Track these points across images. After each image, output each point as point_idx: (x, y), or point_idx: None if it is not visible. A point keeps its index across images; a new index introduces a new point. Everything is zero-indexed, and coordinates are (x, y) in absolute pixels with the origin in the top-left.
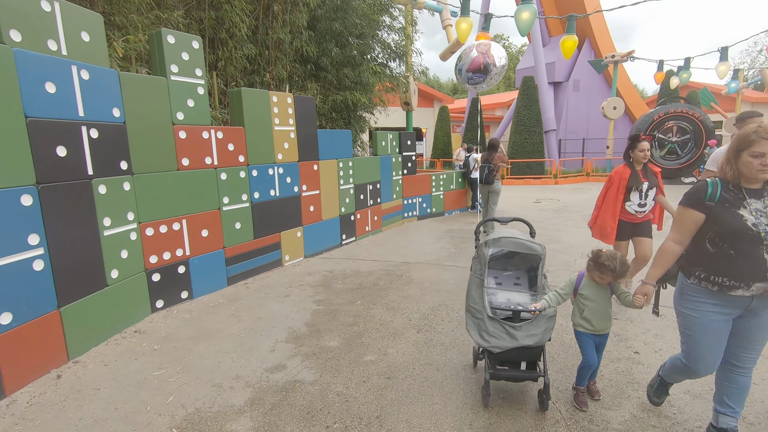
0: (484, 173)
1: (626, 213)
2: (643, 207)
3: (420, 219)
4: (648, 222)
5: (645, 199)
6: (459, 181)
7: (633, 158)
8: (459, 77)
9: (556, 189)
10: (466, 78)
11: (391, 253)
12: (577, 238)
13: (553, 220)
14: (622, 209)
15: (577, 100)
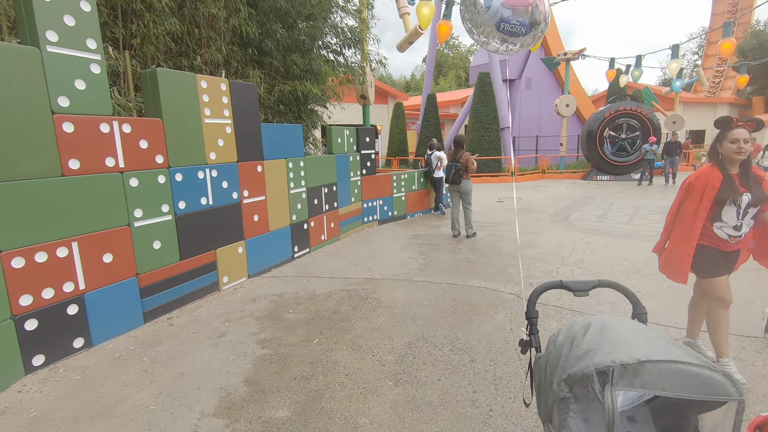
0: (451, 173)
1: (713, 237)
2: (739, 231)
3: (381, 223)
4: (738, 252)
5: (743, 218)
6: (421, 181)
7: (723, 155)
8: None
9: (515, 187)
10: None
11: (352, 268)
12: (552, 241)
13: (521, 221)
14: (705, 231)
15: (529, 98)
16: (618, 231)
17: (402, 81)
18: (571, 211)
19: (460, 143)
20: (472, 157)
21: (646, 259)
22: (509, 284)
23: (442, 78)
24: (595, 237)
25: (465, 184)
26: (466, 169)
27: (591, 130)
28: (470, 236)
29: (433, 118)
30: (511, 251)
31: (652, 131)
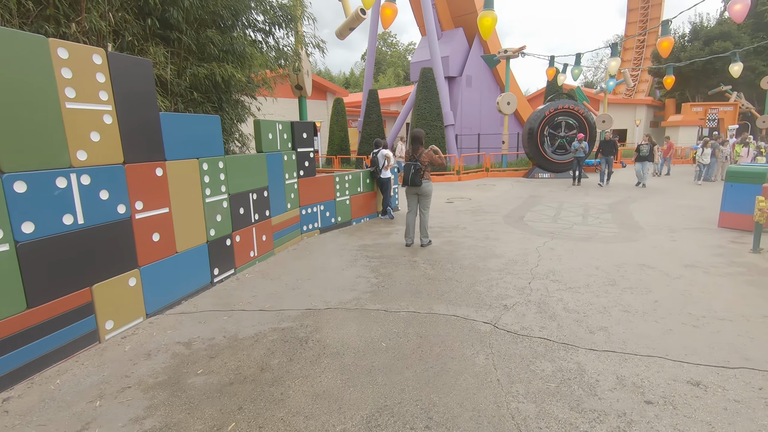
0: (410, 173)
1: None
2: None
3: (323, 232)
4: None
5: None
6: (367, 182)
7: None
8: None
9: (461, 186)
10: None
11: (289, 294)
12: (514, 248)
13: (476, 224)
14: None
15: (470, 96)
16: (576, 233)
17: (341, 77)
18: (523, 211)
19: (419, 139)
20: (440, 154)
21: (617, 267)
22: (481, 308)
23: (381, 75)
24: (557, 241)
25: (426, 186)
26: (427, 169)
27: (532, 128)
28: (425, 245)
29: (375, 114)
30: (473, 262)
31: (588, 129)
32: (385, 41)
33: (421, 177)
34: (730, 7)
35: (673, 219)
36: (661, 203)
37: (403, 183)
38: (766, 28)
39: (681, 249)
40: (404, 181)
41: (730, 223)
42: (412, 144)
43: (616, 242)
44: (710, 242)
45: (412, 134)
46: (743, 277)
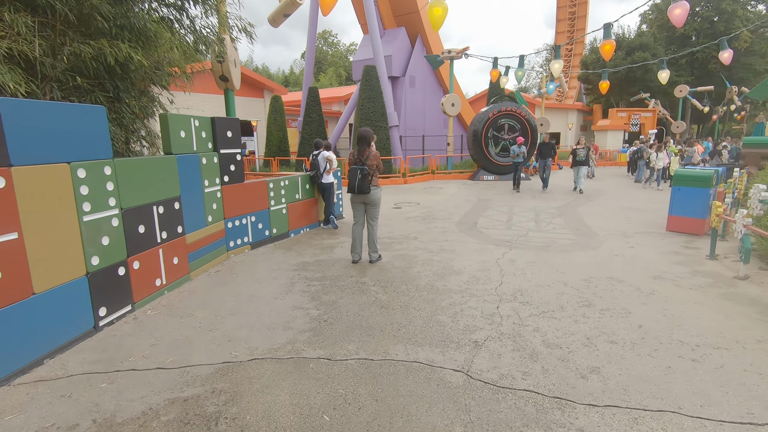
0: (356, 179)
1: None
2: None
3: (255, 247)
4: None
5: None
6: (307, 187)
7: None
8: None
9: (408, 190)
10: None
11: (202, 339)
12: (473, 262)
13: (429, 233)
14: None
15: (413, 97)
16: (534, 241)
17: (280, 76)
18: (475, 217)
19: (365, 139)
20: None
21: (586, 281)
22: (448, 348)
23: (322, 74)
24: (516, 252)
25: (375, 194)
26: (376, 174)
27: (476, 130)
28: (375, 261)
29: (316, 113)
30: (431, 282)
31: (530, 132)
32: (325, 40)
33: (369, 183)
34: (671, 12)
35: (621, 223)
36: (604, 206)
37: (349, 190)
38: (677, 42)
39: (641, 257)
40: (349, 188)
41: (677, 227)
42: (358, 145)
43: (575, 251)
44: (665, 248)
45: (358, 134)
46: (714, 289)
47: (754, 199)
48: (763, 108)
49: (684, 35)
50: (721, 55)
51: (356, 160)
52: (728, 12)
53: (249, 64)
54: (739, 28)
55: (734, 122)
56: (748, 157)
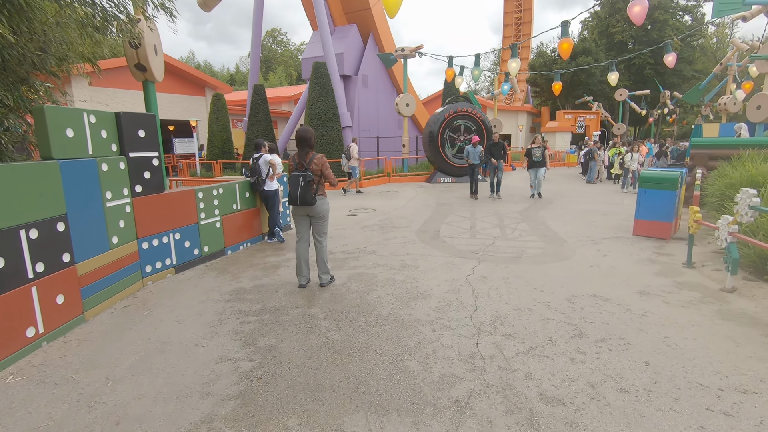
0: (298, 187)
1: None
2: None
3: (181, 270)
4: None
5: None
6: (246, 196)
7: None
8: None
9: (364, 194)
10: None
11: (73, 425)
12: (441, 281)
13: (388, 245)
14: None
15: (367, 96)
16: (502, 252)
17: (225, 74)
18: (436, 224)
19: (307, 141)
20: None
21: (569, 301)
22: (423, 415)
23: (271, 74)
24: (486, 265)
25: (321, 205)
26: (321, 182)
27: (432, 132)
28: (325, 284)
29: (263, 113)
30: (395, 311)
31: (486, 133)
32: (274, 39)
33: (314, 192)
34: (630, 9)
35: (587, 227)
36: (566, 209)
37: (290, 201)
38: (616, 47)
39: (618, 267)
40: (291, 199)
41: (644, 231)
42: (299, 147)
43: (548, 262)
44: (638, 255)
45: (297, 134)
46: (707, 306)
47: (743, 204)
48: (691, 111)
49: (622, 42)
50: (666, 59)
51: (297, 165)
52: (660, 21)
53: (190, 60)
54: (671, 36)
55: (666, 125)
56: (696, 157)
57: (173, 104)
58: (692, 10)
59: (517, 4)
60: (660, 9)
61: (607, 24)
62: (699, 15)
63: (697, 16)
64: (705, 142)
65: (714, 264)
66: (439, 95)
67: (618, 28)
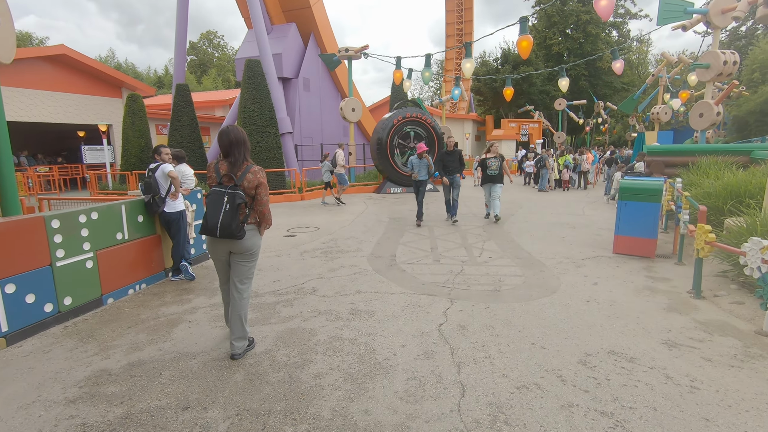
0: (221, 211)
1: None
2: None
3: (17, 342)
4: None
5: None
6: (139, 220)
7: None
8: None
9: (306, 207)
10: None
11: None
12: (404, 335)
13: (333, 279)
14: None
15: (309, 101)
16: (477, 284)
17: (152, 76)
18: (392, 245)
19: (238, 144)
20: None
21: (584, 364)
22: None
23: (205, 77)
24: (461, 307)
25: (249, 239)
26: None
27: (381, 139)
28: (239, 355)
29: (188, 116)
30: (341, 407)
31: (437, 140)
32: (210, 42)
33: (242, 221)
34: (596, 4)
35: (560, 244)
36: (530, 222)
37: (205, 229)
38: (553, 59)
39: (618, 302)
40: (206, 227)
41: (625, 249)
42: (227, 153)
43: (535, 297)
44: (632, 282)
45: (224, 135)
46: (758, 362)
47: (754, 258)
48: (621, 121)
49: (558, 53)
50: (614, 65)
51: (222, 179)
52: (593, 35)
53: (110, 60)
54: (603, 50)
55: (599, 133)
56: (652, 165)
57: (84, 106)
58: (620, 27)
59: (458, 16)
60: (592, 24)
61: (544, 36)
62: (625, 31)
63: (623, 32)
64: (661, 150)
65: (724, 291)
66: (387, 102)
67: (555, 41)
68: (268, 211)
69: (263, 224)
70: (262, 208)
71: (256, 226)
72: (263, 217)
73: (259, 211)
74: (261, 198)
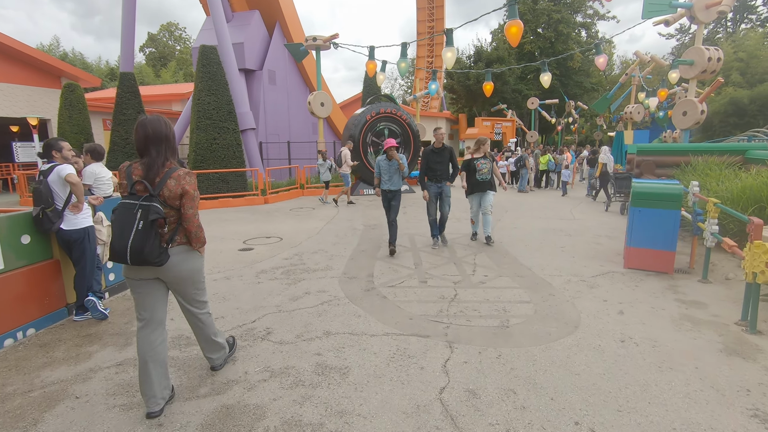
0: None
1: None
2: None
3: None
4: None
5: None
6: (24, 242)
7: None
8: None
9: (269, 213)
10: None
11: None
12: (394, 410)
13: (295, 313)
14: None
15: (275, 95)
16: (478, 318)
17: (104, 68)
18: (368, 261)
19: (157, 139)
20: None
21: None
22: None
23: (163, 69)
24: (465, 355)
25: (181, 263)
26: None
27: (353, 135)
28: (219, 368)
29: (133, 109)
30: None
31: (412, 136)
32: (171, 34)
33: (165, 240)
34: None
35: (561, 257)
36: (521, 228)
37: (113, 255)
38: (526, 57)
39: (660, 342)
40: (114, 252)
41: (639, 263)
42: (143, 151)
43: (555, 337)
44: (662, 309)
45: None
46: None
47: None
48: (590, 120)
49: (530, 52)
50: (597, 60)
51: (133, 187)
52: (564, 34)
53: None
54: (574, 49)
55: (569, 133)
56: (643, 165)
57: (15, 97)
58: (589, 27)
59: (429, 14)
60: (563, 23)
61: None
62: (593, 32)
63: (591, 33)
64: (651, 149)
65: None
66: (359, 98)
67: (527, 39)
68: (196, 227)
69: (193, 243)
70: (188, 225)
71: (189, 245)
72: (191, 236)
73: (186, 228)
74: (186, 212)
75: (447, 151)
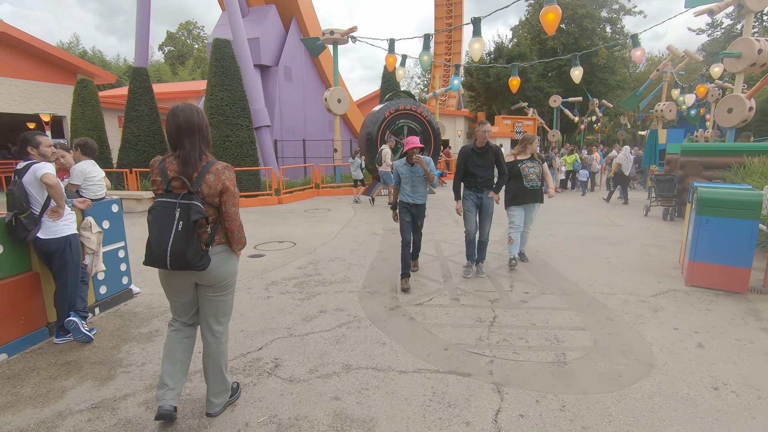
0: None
1: None
2: None
3: None
4: None
5: None
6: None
7: None
8: None
9: (283, 214)
10: None
11: None
12: None
13: (308, 337)
14: None
15: (290, 92)
16: (526, 350)
17: (122, 65)
18: (391, 272)
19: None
20: None
21: None
22: None
23: (181, 67)
24: (519, 404)
25: (220, 266)
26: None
27: (370, 133)
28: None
29: (146, 105)
30: None
31: (433, 137)
32: (190, 32)
33: (206, 243)
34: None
35: (608, 271)
36: (555, 234)
37: (147, 260)
38: (547, 54)
39: (764, 391)
40: (150, 256)
41: (704, 280)
42: (176, 144)
43: (628, 382)
44: (750, 341)
45: (170, 119)
46: None
47: None
48: (615, 119)
49: (553, 48)
50: (634, 53)
51: (170, 184)
52: (589, 30)
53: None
54: (599, 44)
55: (592, 132)
56: (689, 166)
57: (31, 94)
58: (614, 22)
59: (447, 10)
60: (588, 18)
61: (538, 30)
62: (619, 27)
63: (617, 28)
64: (698, 149)
65: None
66: (376, 95)
67: (549, 35)
68: (238, 227)
69: (234, 245)
70: (230, 224)
71: (228, 245)
72: (233, 237)
73: (227, 228)
74: (227, 210)
75: (492, 151)
